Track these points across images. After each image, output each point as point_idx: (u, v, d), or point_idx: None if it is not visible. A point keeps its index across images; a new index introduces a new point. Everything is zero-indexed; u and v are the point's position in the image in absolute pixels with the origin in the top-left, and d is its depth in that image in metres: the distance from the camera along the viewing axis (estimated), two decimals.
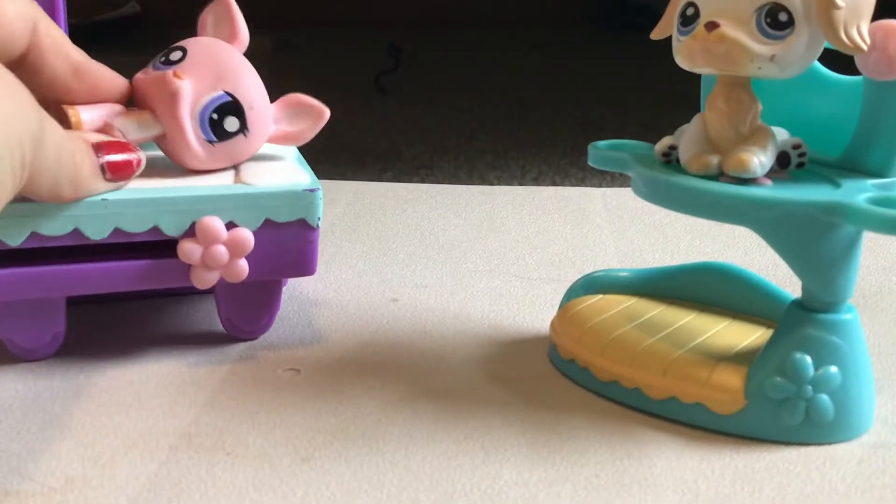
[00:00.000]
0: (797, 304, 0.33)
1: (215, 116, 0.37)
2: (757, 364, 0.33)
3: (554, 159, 0.79)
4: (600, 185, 0.68)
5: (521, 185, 0.70)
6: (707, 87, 0.36)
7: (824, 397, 0.32)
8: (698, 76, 0.35)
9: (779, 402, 0.32)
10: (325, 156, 0.42)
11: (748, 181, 0.31)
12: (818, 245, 0.31)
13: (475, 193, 0.65)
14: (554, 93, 1.12)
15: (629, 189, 0.35)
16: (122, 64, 0.39)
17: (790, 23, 0.30)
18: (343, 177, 0.69)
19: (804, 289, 0.33)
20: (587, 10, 1.73)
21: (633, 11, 1.52)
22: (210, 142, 0.37)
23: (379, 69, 1.14)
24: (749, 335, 0.37)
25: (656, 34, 0.34)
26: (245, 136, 0.38)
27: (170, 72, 0.37)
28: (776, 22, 0.30)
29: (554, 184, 0.70)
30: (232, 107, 0.37)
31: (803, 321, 0.32)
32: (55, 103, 0.36)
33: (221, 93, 0.37)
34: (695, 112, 0.34)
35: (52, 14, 0.39)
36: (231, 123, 0.37)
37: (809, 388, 0.32)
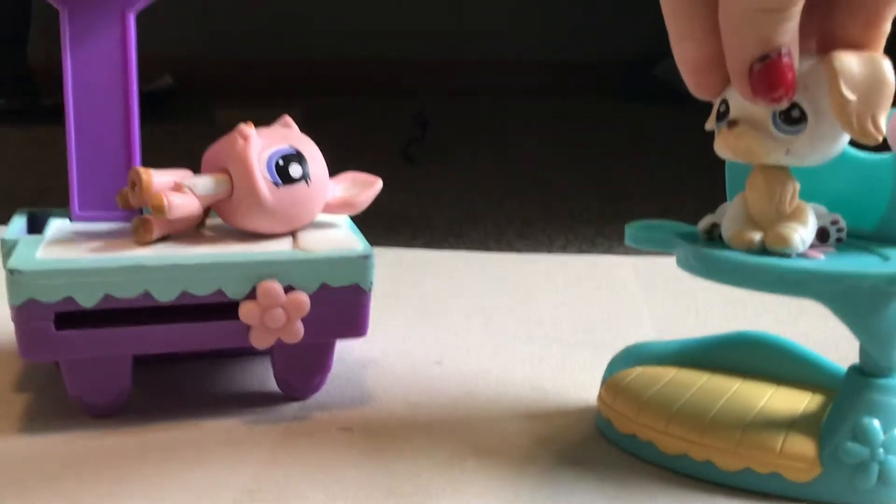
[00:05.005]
0: (857, 371, 0.35)
1: (281, 162, 0.40)
2: (828, 431, 0.34)
3: (580, 227, 0.81)
4: (627, 254, 0.69)
5: (549, 252, 0.71)
6: (732, 166, 0.38)
7: (895, 459, 0.33)
8: None
9: (853, 467, 0.34)
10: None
11: (800, 255, 0.33)
12: (880, 314, 0.33)
13: (509, 261, 0.67)
14: (579, 162, 1.15)
15: (659, 258, 0.37)
16: (157, 136, 0.42)
17: (802, 118, 0.32)
18: (375, 243, 0.71)
19: (863, 355, 0.35)
20: (611, 82, 1.77)
21: (656, 84, 1.56)
22: (276, 184, 0.39)
23: (406, 138, 1.17)
24: (800, 401, 0.38)
25: (710, 125, 0.36)
26: (308, 184, 0.40)
27: (240, 124, 0.40)
28: (789, 118, 0.32)
29: (581, 251, 0.72)
30: (296, 157, 0.40)
31: (867, 387, 0.34)
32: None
33: (287, 146, 0.40)
34: (716, 181, 0.36)
35: (125, 86, 0.41)
36: (295, 170, 0.40)
37: (881, 451, 0.33)
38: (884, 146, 0.35)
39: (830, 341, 0.51)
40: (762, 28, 0.30)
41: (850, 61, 0.31)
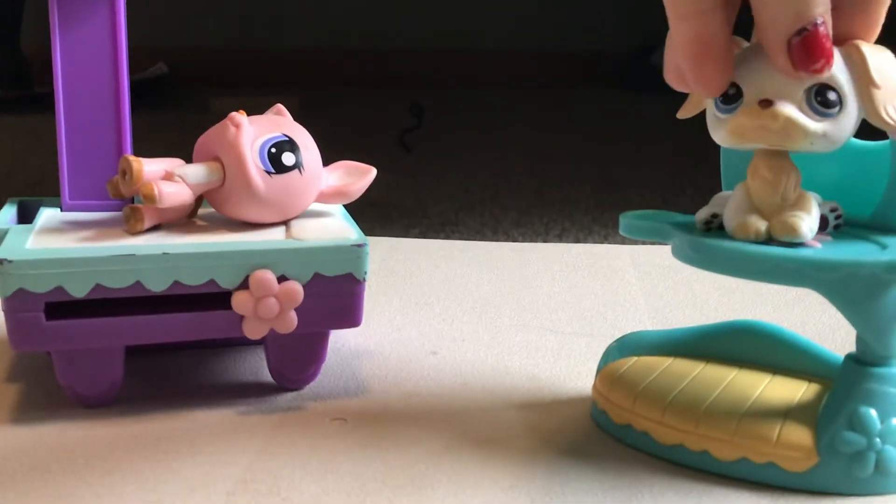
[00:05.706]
0: (854, 359, 0.35)
1: (273, 150, 0.39)
2: (825, 420, 0.34)
3: (577, 216, 0.80)
4: (623, 243, 0.69)
5: (545, 241, 0.71)
6: (728, 155, 0.38)
7: (891, 448, 0.33)
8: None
9: (850, 456, 0.33)
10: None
11: (797, 244, 0.33)
12: (878, 302, 0.32)
13: (505, 250, 0.67)
14: (575, 150, 1.14)
15: (656, 247, 0.36)
16: (151, 124, 0.42)
17: (839, 101, 0.32)
18: (371, 233, 0.71)
19: (860, 344, 0.35)
20: (607, 71, 1.77)
21: (653, 73, 1.55)
22: (268, 172, 0.39)
23: (402, 127, 1.17)
24: (797, 390, 0.38)
25: (683, 114, 0.36)
26: (301, 172, 0.40)
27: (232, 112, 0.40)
28: (826, 101, 0.32)
29: (577, 240, 0.72)
30: (289, 145, 0.40)
31: (864, 376, 0.34)
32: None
33: (279, 133, 0.40)
34: (710, 169, 0.35)
35: (115, 73, 0.41)
36: (288, 158, 0.40)
37: (878, 440, 0.33)
38: (881, 134, 0.34)
39: (827, 330, 0.51)
40: (797, 2, 0.30)
41: (871, 50, 0.32)
